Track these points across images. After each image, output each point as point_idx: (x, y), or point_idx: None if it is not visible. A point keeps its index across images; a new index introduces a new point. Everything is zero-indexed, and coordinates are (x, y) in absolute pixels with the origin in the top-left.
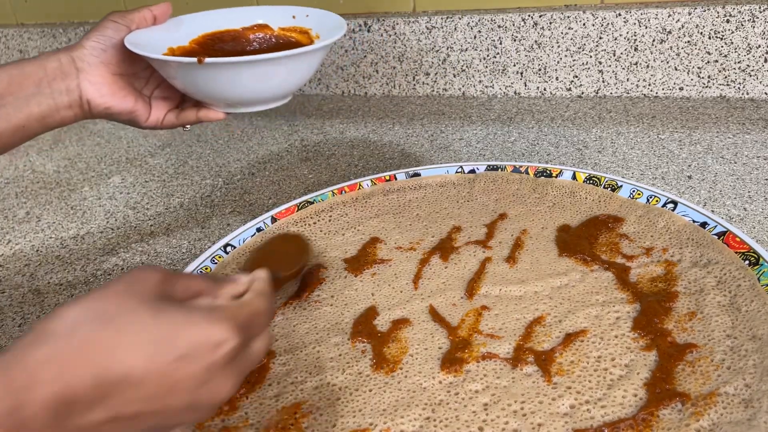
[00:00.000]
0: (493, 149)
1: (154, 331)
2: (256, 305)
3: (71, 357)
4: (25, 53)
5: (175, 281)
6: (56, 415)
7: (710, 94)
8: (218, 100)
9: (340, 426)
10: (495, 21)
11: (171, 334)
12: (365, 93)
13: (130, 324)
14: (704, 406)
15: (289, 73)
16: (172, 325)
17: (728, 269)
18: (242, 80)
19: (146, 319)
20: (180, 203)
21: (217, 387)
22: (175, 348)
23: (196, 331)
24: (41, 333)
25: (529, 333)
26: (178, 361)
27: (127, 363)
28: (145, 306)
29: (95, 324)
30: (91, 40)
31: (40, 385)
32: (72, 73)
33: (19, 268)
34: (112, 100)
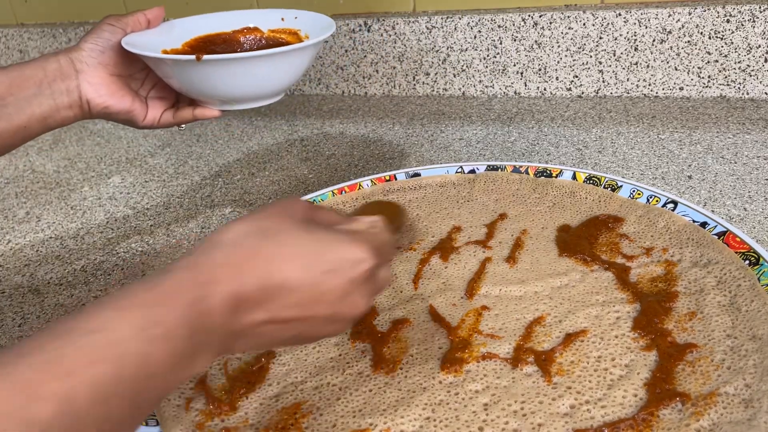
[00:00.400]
0: (493, 149)
1: (308, 246)
2: (381, 236)
3: (241, 263)
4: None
5: (317, 211)
6: (229, 310)
7: (710, 94)
8: (213, 98)
9: (340, 426)
10: (495, 21)
11: (321, 250)
12: (365, 93)
13: (288, 239)
14: (704, 406)
15: (281, 70)
16: (322, 242)
17: (728, 269)
18: (237, 77)
19: (301, 236)
20: (180, 203)
21: (354, 301)
22: (324, 262)
23: (341, 248)
24: (215, 242)
25: (529, 333)
26: (326, 273)
27: (286, 271)
28: (299, 226)
29: (259, 238)
30: (89, 42)
31: (218, 283)
32: (71, 74)
33: (19, 268)
34: (111, 100)
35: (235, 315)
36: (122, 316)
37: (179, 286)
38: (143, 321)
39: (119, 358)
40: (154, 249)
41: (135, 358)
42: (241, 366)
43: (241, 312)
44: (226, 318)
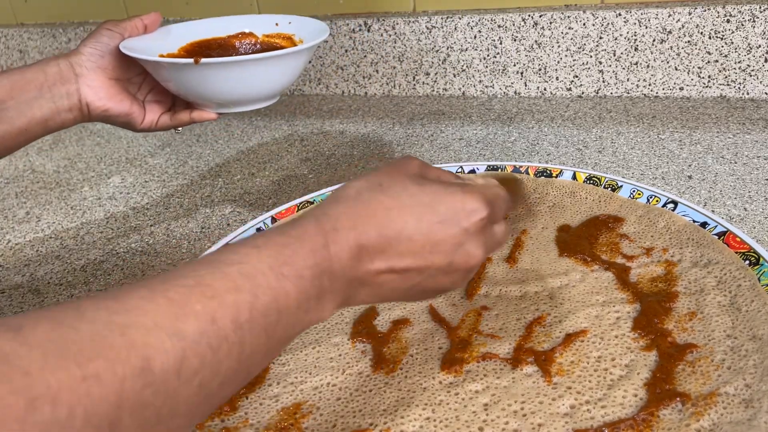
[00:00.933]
0: (493, 149)
1: (421, 197)
2: (497, 191)
3: (360, 214)
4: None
5: (430, 169)
6: (351, 256)
7: (710, 94)
8: (211, 101)
9: (340, 426)
10: (495, 21)
11: (434, 201)
12: (365, 93)
13: (402, 192)
14: (704, 406)
15: (276, 73)
16: (434, 194)
17: (728, 269)
18: (233, 80)
19: (414, 190)
20: (180, 203)
21: (469, 251)
22: (437, 212)
23: (453, 198)
24: (336, 197)
25: (529, 333)
26: (440, 223)
27: (401, 222)
28: (411, 180)
29: (375, 192)
30: (88, 46)
31: (341, 231)
32: (71, 78)
33: (19, 268)
34: (110, 103)
35: (357, 262)
36: (258, 252)
37: (306, 232)
38: (275, 260)
39: (255, 288)
40: (154, 249)
41: (268, 290)
42: None
43: (362, 259)
44: (348, 264)
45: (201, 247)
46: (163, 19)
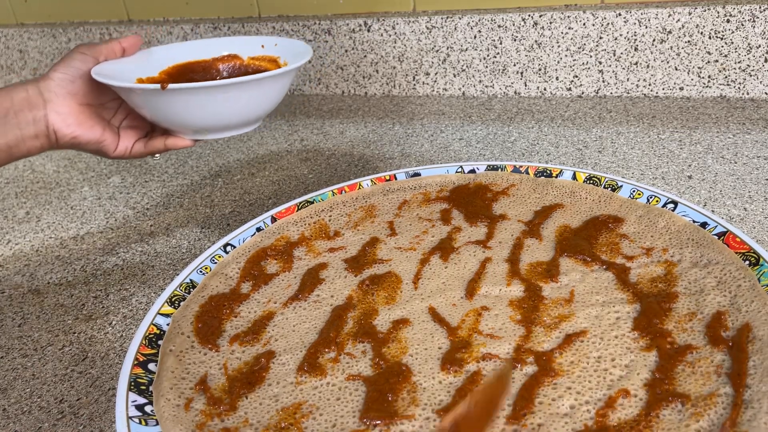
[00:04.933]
0: (493, 149)
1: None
2: None
3: None
4: (25, 53)
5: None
6: None
7: (710, 94)
8: (185, 127)
9: (340, 426)
10: (495, 21)
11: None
12: (365, 93)
13: None
14: (704, 407)
15: (252, 98)
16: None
17: (728, 269)
18: (206, 105)
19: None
20: (180, 203)
21: None
22: None
23: None
24: None
25: (529, 333)
26: None
27: None
28: None
29: None
30: (59, 71)
31: None
32: (39, 104)
33: (19, 268)
34: (79, 130)
35: None
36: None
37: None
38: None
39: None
40: (154, 249)
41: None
42: (241, 366)
43: None
44: None
45: (201, 247)
46: (144, 42)
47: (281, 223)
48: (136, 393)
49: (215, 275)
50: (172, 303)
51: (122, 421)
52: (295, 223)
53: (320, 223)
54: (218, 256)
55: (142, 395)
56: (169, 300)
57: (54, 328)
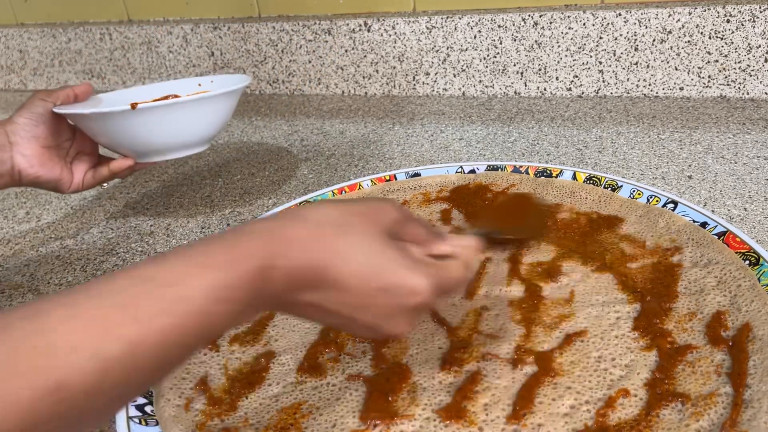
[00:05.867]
0: (493, 149)
1: (373, 258)
2: (453, 273)
3: (310, 244)
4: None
5: (406, 224)
6: (286, 284)
7: (710, 94)
8: (144, 148)
9: (339, 426)
10: (495, 21)
11: (382, 268)
12: (365, 93)
13: (359, 244)
14: (704, 407)
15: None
16: (389, 261)
17: (728, 269)
18: (166, 124)
19: (373, 246)
20: (180, 203)
21: (397, 323)
22: (381, 279)
23: (401, 274)
24: (300, 216)
25: (529, 333)
26: (380, 290)
27: (342, 272)
28: (377, 235)
29: (335, 229)
30: (23, 117)
31: (285, 257)
32: (6, 146)
33: (19, 268)
34: (41, 170)
35: (290, 290)
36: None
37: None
38: (215, 282)
39: (186, 314)
40: (154, 249)
41: (199, 315)
42: (241, 366)
43: (295, 289)
44: (282, 289)
45: None
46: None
47: None
48: None
49: None
50: None
51: (122, 421)
52: None
53: None
54: None
55: (142, 395)
56: None
57: None
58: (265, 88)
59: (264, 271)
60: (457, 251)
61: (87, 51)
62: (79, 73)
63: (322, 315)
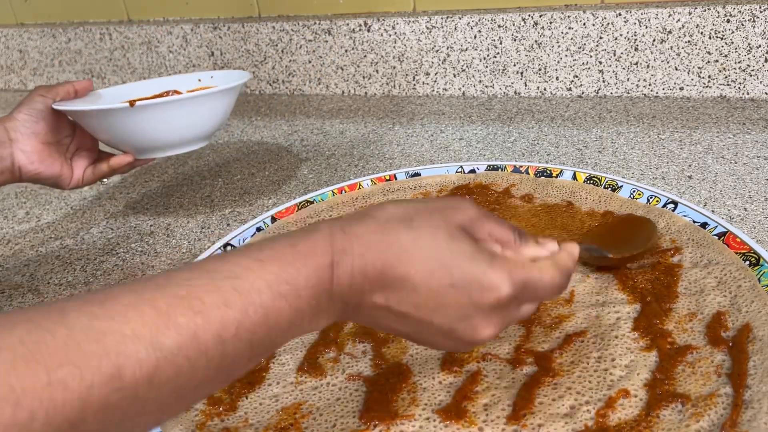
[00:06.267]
0: (493, 149)
1: (443, 253)
2: (543, 274)
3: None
4: (25, 53)
5: (485, 223)
6: (352, 283)
7: (710, 94)
8: (144, 145)
9: (339, 426)
10: (495, 21)
11: (454, 262)
12: (365, 93)
13: (429, 238)
14: (704, 407)
15: (206, 111)
16: (459, 255)
17: (728, 270)
18: (169, 120)
19: (442, 242)
20: (180, 203)
21: (476, 325)
22: (451, 275)
23: (474, 268)
24: (365, 215)
25: (529, 333)
26: (450, 286)
27: (410, 268)
28: (447, 230)
29: (402, 225)
30: (23, 113)
31: (351, 255)
32: (6, 143)
33: (19, 268)
34: (42, 167)
35: (356, 289)
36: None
37: (316, 248)
38: (276, 276)
39: (247, 306)
40: (154, 249)
41: (261, 308)
42: None
43: (362, 288)
44: (347, 289)
45: (201, 247)
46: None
47: (281, 223)
48: None
49: None
50: None
51: None
52: (296, 223)
53: None
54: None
55: None
56: None
57: None
58: (265, 88)
59: (328, 268)
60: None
61: (87, 51)
62: (79, 73)
63: (393, 320)
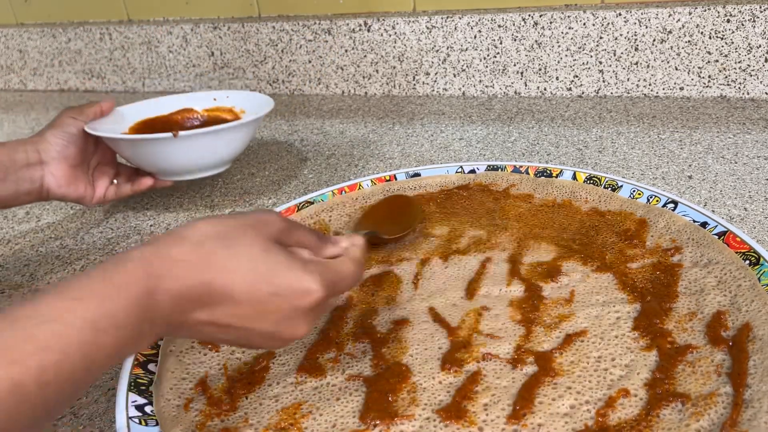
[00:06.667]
0: (493, 149)
1: (260, 265)
2: (344, 269)
3: (193, 263)
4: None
5: (293, 232)
6: (174, 305)
7: (710, 94)
8: (174, 170)
9: (339, 426)
10: (495, 21)
11: (271, 272)
12: (365, 93)
13: (244, 253)
14: (704, 407)
15: (238, 139)
16: (276, 264)
17: (729, 269)
18: (203, 148)
19: (257, 254)
20: (180, 203)
21: (295, 326)
22: (272, 284)
23: (292, 276)
24: (177, 236)
25: (529, 333)
26: (272, 295)
27: (231, 283)
28: (261, 243)
29: (217, 243)
30: (56, 136)
31: (169, 278)
32: (37, 165)
33: (19, 268)
34: (68, 190)
35: (179, 310)
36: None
37: (131, 280)
38: (93, 313)
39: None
40: None
41: (81, 347)
42: (240, 366)
43: (184, 308)
44: (170, 311)
45: None
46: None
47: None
48: (136, 393)
49: None
50: None
51: (122, 422)
52: None
53: (320, 224)
54: None
55: (142, 395)
56: None
57: None
58: (265, 88)
59: (148, 295)
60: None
61: (87, 51)
62: (79, 73)
63: (217, 331)
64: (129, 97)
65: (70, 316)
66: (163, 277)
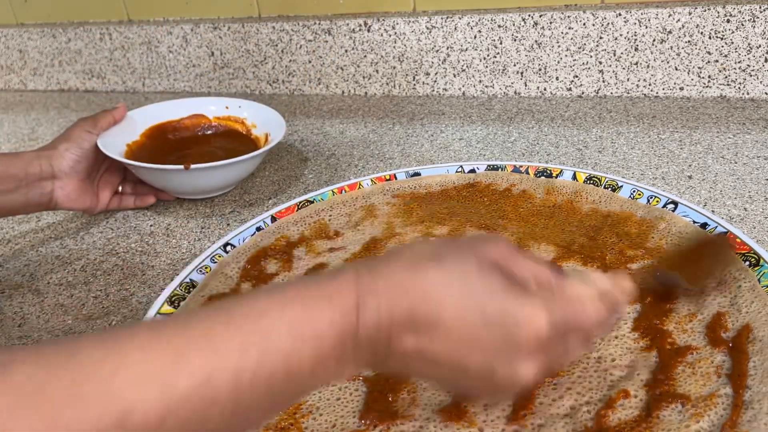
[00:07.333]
0: (493, 149)
1: (475, 290)
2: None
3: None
4: (25, 53)
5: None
6: (379, 326)
7: (710, 94)
8: (182, 192)
9: (339, 426)
10: (495, 21)
11: (487, 299)
12: (365, 93)
13: (460, 276)
14: (704, 408)
15: (244, 169)
16: (492, 292)
17: (728, 270)
18: (211, 177)
19: (474, 279)
20: (180, 203)
21: (515, 365)
22: (484, 313)
23: (509, 304)
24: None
25: None
26: (483, 325)
27: (442, 306)
28: (477, 268)
29: (431, 263)
30: (70, 151)
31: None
32: (49, 179)
33: (19, 268)
34: (77, 203)
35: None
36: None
37: (341, 290)
38: (297, 318)
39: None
40: (154, 249)
41: (280, 353)
42: None
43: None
44: (374, 333)
45: (201, 247)
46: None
47: (281, 223)
48: None
49: (215, 275)
50: (172, 303)
51: None
52: (295, 222)
53: (320, 223)
54: (218, 255)
55: None
56: (169, 299)
57: (54, 328)
58: (265, 88)
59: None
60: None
61: (87, 51)
62: (79, 73)
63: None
64: (129, 97)
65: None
66: (371, 293)
